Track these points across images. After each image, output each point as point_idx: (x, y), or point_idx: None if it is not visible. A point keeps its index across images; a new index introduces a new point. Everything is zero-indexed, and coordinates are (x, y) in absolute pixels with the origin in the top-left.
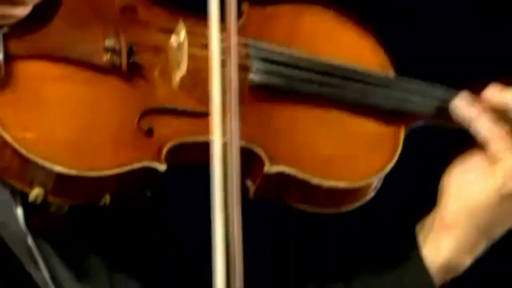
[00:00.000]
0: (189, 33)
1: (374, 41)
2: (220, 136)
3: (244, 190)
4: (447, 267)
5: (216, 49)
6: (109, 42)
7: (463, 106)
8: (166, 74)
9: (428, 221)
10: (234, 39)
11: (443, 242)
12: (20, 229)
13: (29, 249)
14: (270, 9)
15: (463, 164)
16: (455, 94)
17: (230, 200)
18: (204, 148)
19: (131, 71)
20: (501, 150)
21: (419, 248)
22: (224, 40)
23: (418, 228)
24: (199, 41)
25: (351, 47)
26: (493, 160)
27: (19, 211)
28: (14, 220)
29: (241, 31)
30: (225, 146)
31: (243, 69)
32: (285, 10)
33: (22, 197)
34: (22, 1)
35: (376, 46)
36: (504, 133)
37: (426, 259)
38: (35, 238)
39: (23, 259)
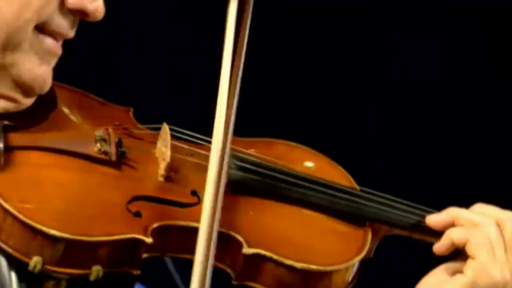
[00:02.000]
0: (173, 147)
1: (343, 171)
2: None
3: (227, 277)
4: None
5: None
6: (99, 133)
7: (438, 216)
8: (154, 168)
9: None
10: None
11: None
12: None
13: None
14: (253, 139)
15: (442, 268)
16: (416, 208)
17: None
18: (186, 231)
19: (120, 161)
20: (474, 249)
21: None
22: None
23: None
24: (183, 151)
25: (323, 169)
26: (464, 260)
27: (14, 278)
28: None
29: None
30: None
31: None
32: (265, 141)
33: (20, 271)
34: (33, 93)
35: (345, 173)
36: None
37: None
38: None
39: None
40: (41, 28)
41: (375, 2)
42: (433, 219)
